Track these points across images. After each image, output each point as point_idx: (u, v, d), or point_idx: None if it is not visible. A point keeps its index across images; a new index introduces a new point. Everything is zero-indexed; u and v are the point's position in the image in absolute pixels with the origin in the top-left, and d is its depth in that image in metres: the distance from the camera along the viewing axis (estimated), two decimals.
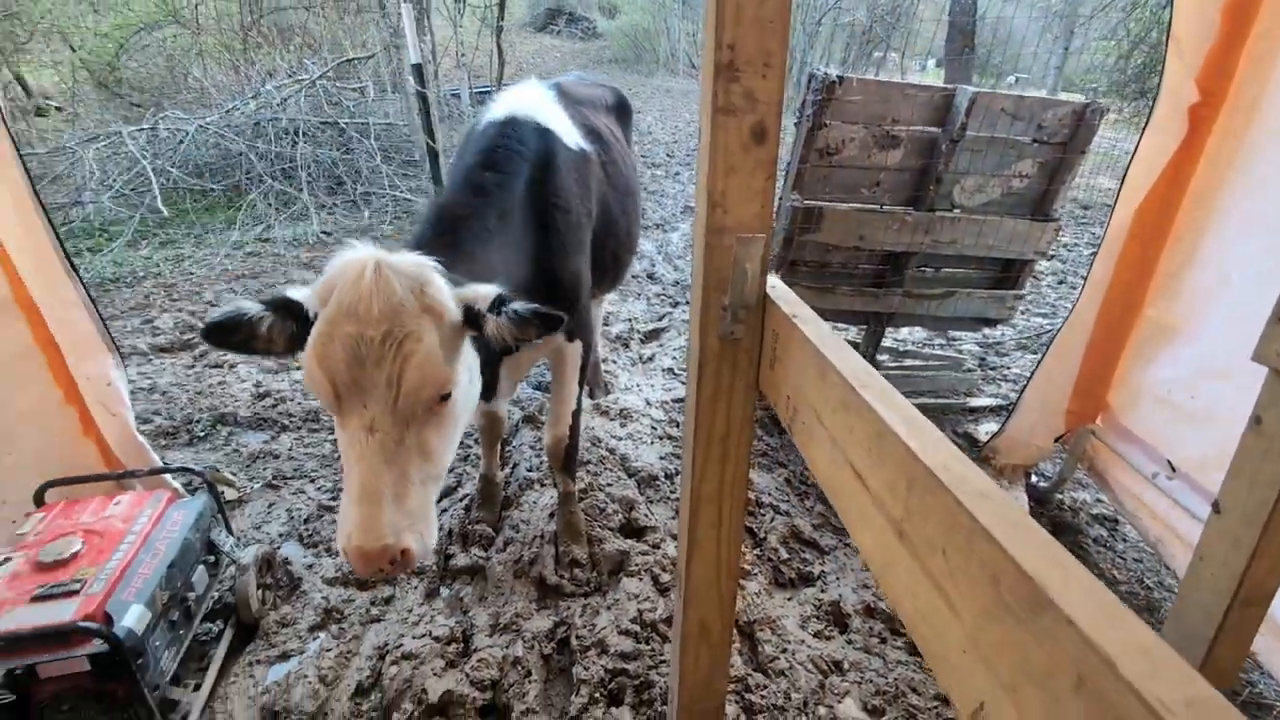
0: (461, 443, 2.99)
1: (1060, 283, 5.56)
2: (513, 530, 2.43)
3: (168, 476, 2.27)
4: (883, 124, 2.73)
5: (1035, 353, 4.15)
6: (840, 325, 3.79)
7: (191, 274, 5.00)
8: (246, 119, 6.81)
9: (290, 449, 2.93)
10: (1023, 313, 4.78)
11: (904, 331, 4.30)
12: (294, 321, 1.29)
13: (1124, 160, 2.21)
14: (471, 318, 1.33)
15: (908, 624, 0.64)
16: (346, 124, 7.20)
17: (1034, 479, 2.80)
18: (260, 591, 2.09)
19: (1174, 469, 2.08)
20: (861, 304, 3.10)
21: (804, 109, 2.72)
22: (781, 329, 1.04)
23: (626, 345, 4.07)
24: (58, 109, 8.96)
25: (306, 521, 2.48)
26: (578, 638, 1.95)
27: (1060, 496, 2.72)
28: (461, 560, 2.29)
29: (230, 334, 1.26)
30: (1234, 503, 1.34)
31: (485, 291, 1.32)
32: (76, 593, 1.52)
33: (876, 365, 3.47)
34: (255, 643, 1.99)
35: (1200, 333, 2.02)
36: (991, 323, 3.40)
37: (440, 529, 2.43)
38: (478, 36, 12.17)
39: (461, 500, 2.58)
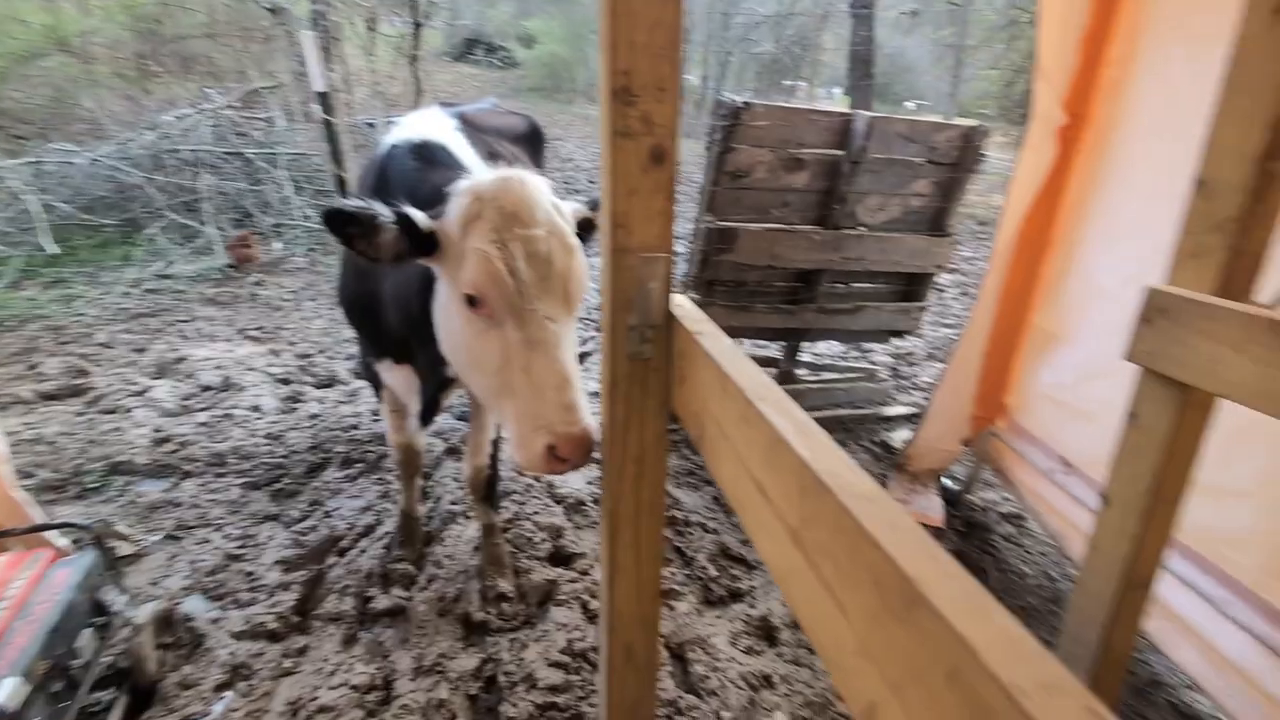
0: (381, 478, 2.89)
1: (963, 294, 5.92)
2: (436, 567, 2.34)
3: (50, 534, 2.06)
4: (788, 147, 2.85)
5: (944, 361, 4.39)
6: (761, 342, 3.90)
7: (83, 314, 4.62)
8: (144, 150, 6.41)
9: (193, 496, 2.72)
10: (931, 323, 5.05)
11: (821, 346, 4.45)
12: (409, 239, 1.36)
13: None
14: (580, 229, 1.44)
15: (806, 630, 0.65)
16: (253, 154, 6.90)
17: (947, 481, 2.94)
18: (157, 652, 1.91)
19: (1067, 465, 2.24)
20: (778, 320, 3.19)
21: (713, 134, 2.80)
22: (686, 346, 1.05)
23: None
24: None
25: (212, 573, 2.30)
26: (505, 674, 1.88)
27: (971, 497, 2.86)
28: (382, 602, 2.17)
29: (349, 225, 1.32)
30: (1118, 495, 1.44)
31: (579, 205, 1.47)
32: None
33: (795, 379, 3.57)
34: (154, 709, 1.82)
35: (1080, 337, 2.19)
36: (900, 334, 3.57)
37: (359, 571, 2.32)
38: (393, 65, 11.98)
39: (380, 539, 2.47)
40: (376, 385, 2.23)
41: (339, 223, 1.33)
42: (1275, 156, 1.14)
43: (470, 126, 2.27)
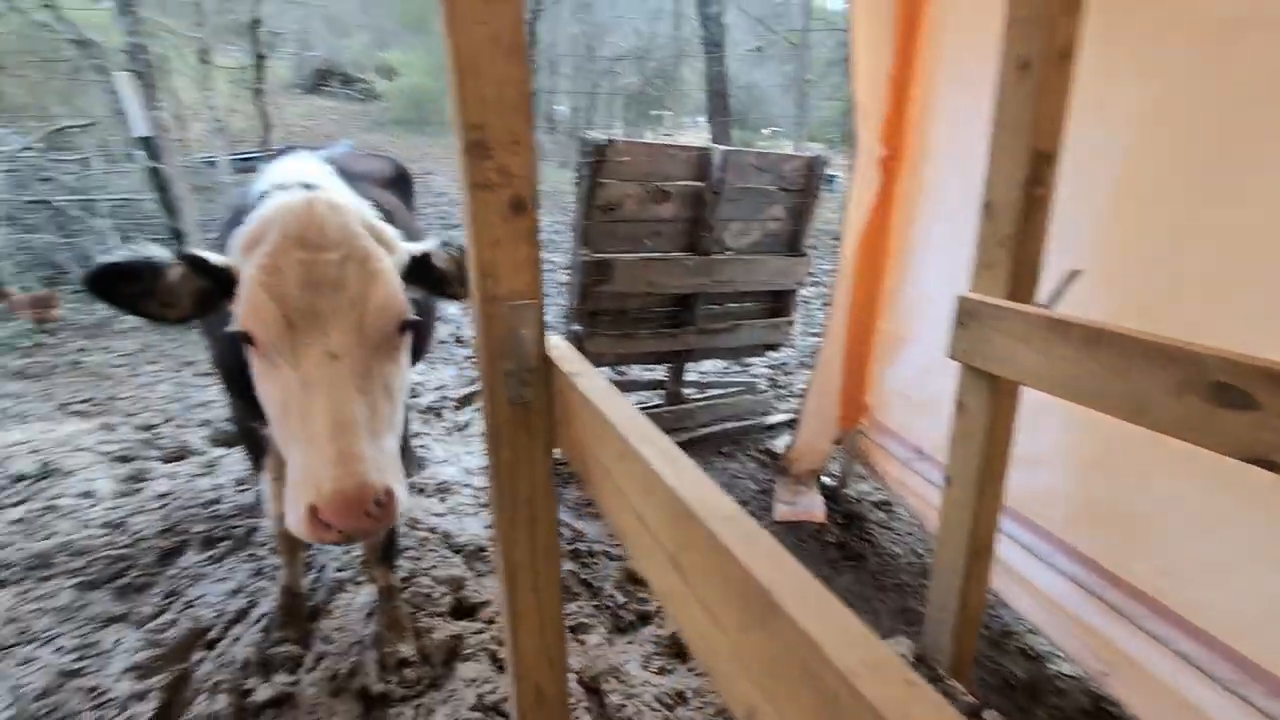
0: (252, 554, 2.66)
1: (825, 304, 6.41)
2: (325, 643, 2.19)
3: None
4: (653, 180, 2.99)
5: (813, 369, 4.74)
6: (649, 366, 4.02)
7: None
8: None
9: (11, 608, 2.36)
10: (801, 334, 5.43)
11: (706, 364, 4.65)
12: (207, 278, 1.19)
13: None
14: (415, 267, 1.30)
15: (692, 648, 0.70)
16: (64, 202, 6.15)
17: (826, 479, 3.16)
18: None
19: (920, 453, 2.50)
20: (661, 344, 3.32)
21: (581, 171, 2.89)
22: (564, 388, 1.09)
23: (439, 415, 3.91)
24: None
25: (43, 696, 2.00)
26: None
27: (848, 491, 3.10)
28: (264, 693, 1.99)
29: (127, 282, 1.12)
30: (957, 474, 1.64)
31: (424, 244, 1.32)
32: None
33: (683, 399, 3.71)
34: None
35: (917, 338, 2.48)
36: (774, 347, 3.82)
37: (233, 662, 2.12)
38: (235, 99, 11.19)
39: (257, 623, 2.27)
40: (258, 453, 2.05)
41: (108, 284, 1.12)
42: (1037, 182, 1.37)
43: (345, 174, 2.18)
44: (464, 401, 4.08)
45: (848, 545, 2.75)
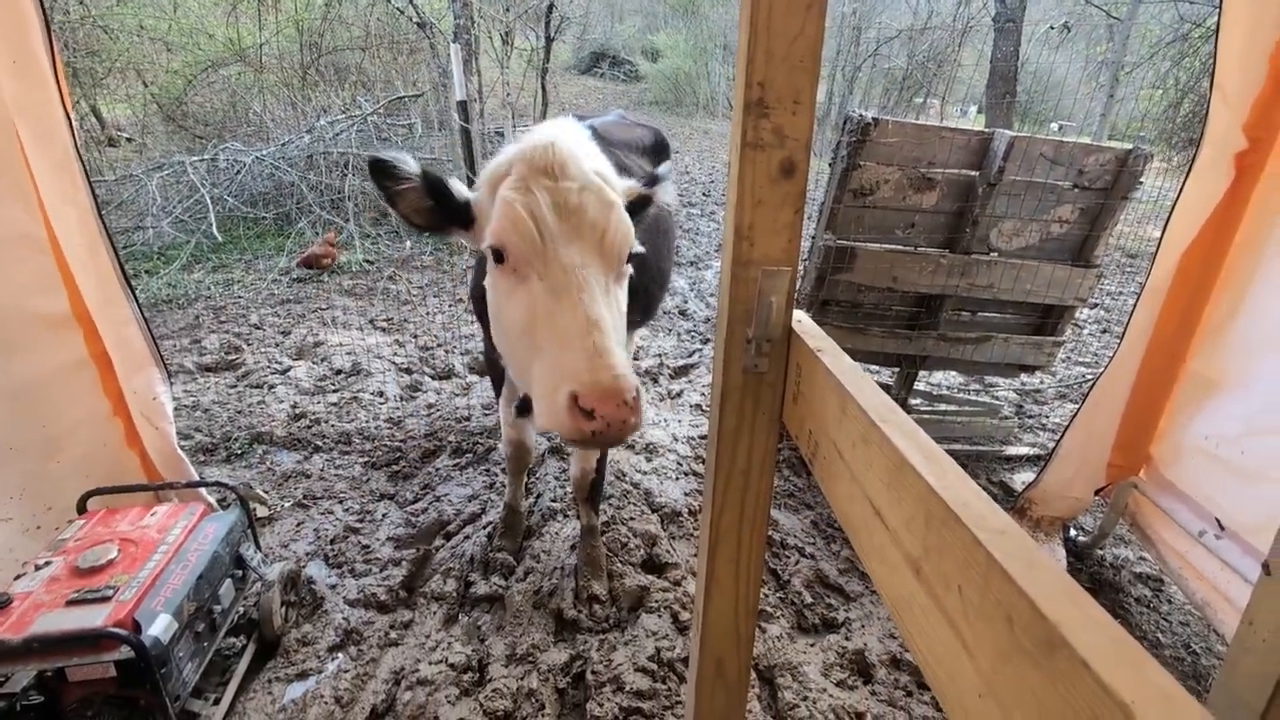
0: (488, 469, 3.03)
1: (1104, 331, 5.41)
2: (534, 560, 2.42)
3: (203, 490, 2.33)
4: (918, 166, 2.73)
5: (1075, 402, 4.03)
6: (872, 367, 3.75)
7: (240, 298, 5.21)
8: (300, 152, 7.16)
9: (321, 470, 2.99)
10: (1063, 361, 4.65)
11: (938, 376, 4.22)
12: (435, 201, 1.39)
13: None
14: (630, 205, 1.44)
15: (922, 665, 0.63)
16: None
17: (1073, 533, 2.69)
18: (283, 609, 2.11)
19: (1222, 528, 1.98)
20: (894, 345, 3.06)
21: (839, 150, 2.74)
22: (805, 362, 1.04)
23: (655, 380, 4.08)
24: (128, 140, 9.56)
25: (333, 542, 2.52)
26: (593, 673, 1.92)
27: (1101, 552, 2.60)
28: (482, 588, 2.28)
29: (388, 178, 1.37)
30: None
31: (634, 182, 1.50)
32: (108, 599, 1.56)
33: (909, 409, 3.41)
34: (275, 660, 2.00)
35: (1250, 387, 1.94)
36: (1030, 369, 3.32)
37: (462, 555, 2.44)
38: (523, 78, 12.66)
39: (485, 528, 2.59)
40: (499, 381, 2.32)
41: (380, 173, 1.36)
42: None
43: (601, 140, 2.35)
44: (679, 372, 4.20)
45: None
